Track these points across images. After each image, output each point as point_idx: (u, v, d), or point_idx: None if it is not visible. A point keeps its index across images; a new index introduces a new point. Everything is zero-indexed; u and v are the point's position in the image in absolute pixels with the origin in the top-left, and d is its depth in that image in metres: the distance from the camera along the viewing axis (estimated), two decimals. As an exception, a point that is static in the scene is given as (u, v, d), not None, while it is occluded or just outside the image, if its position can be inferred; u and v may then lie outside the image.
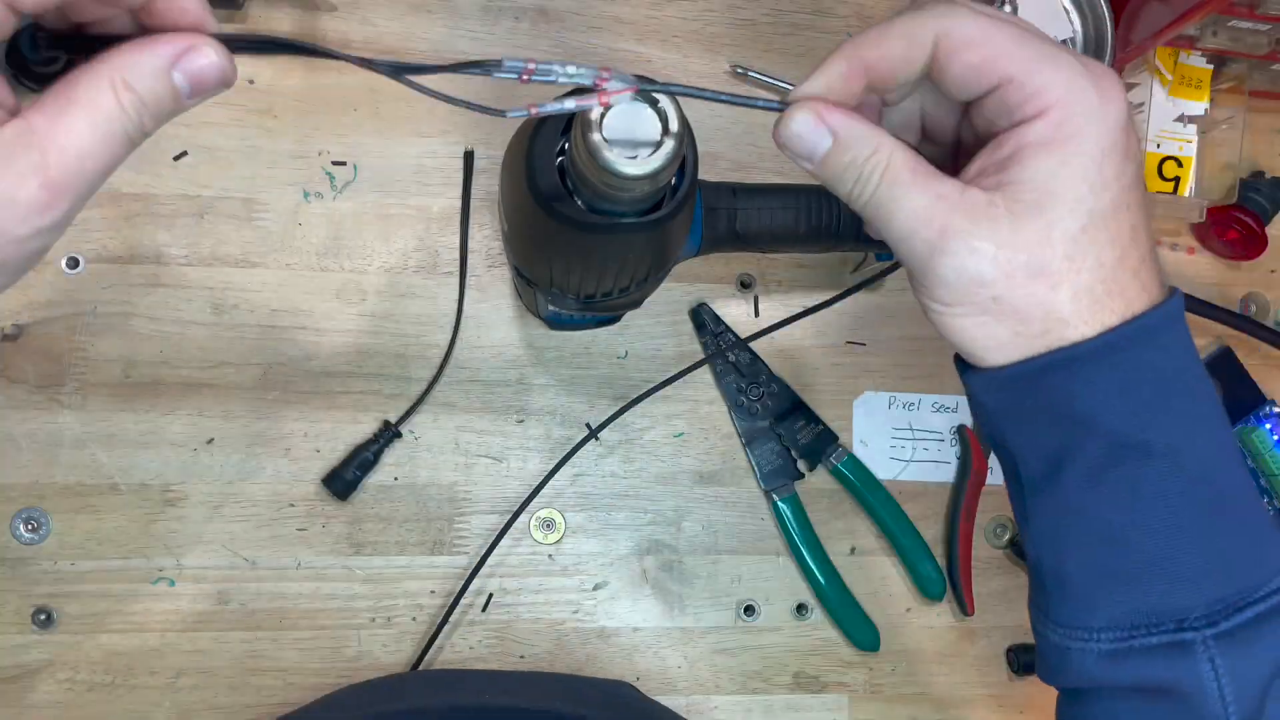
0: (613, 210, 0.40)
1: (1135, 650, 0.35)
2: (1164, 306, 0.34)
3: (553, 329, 0.63)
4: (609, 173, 0.37)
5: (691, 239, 0.55)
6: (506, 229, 0.50)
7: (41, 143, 0.28)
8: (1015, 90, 0.32)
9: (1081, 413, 0.34)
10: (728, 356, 0.64)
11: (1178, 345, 0.35)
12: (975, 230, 0.33)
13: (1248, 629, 0.34)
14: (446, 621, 0.60)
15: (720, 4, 0.66)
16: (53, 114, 0.29)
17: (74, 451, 0.59)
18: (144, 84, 0.29)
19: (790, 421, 0.64)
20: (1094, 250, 0.33)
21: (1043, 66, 0.32)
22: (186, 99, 0.30)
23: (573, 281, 0.48)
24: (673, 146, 0.37)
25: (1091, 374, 0.34)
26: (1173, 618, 0.35)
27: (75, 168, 0.29)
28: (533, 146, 0.41)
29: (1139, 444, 0.34)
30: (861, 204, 0.34)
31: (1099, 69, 0.33)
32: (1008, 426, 0.37)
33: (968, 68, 0.33)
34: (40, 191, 0.28)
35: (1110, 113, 0.32)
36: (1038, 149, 0.32)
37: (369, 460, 0.60)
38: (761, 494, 0.64)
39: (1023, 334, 0.34)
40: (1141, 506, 0.34)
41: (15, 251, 0.29)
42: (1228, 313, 0.67)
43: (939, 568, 0.65)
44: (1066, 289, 0.33)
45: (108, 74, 0.29)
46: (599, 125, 0.36)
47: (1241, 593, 0.34)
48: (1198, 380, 0.36)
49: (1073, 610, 0.37)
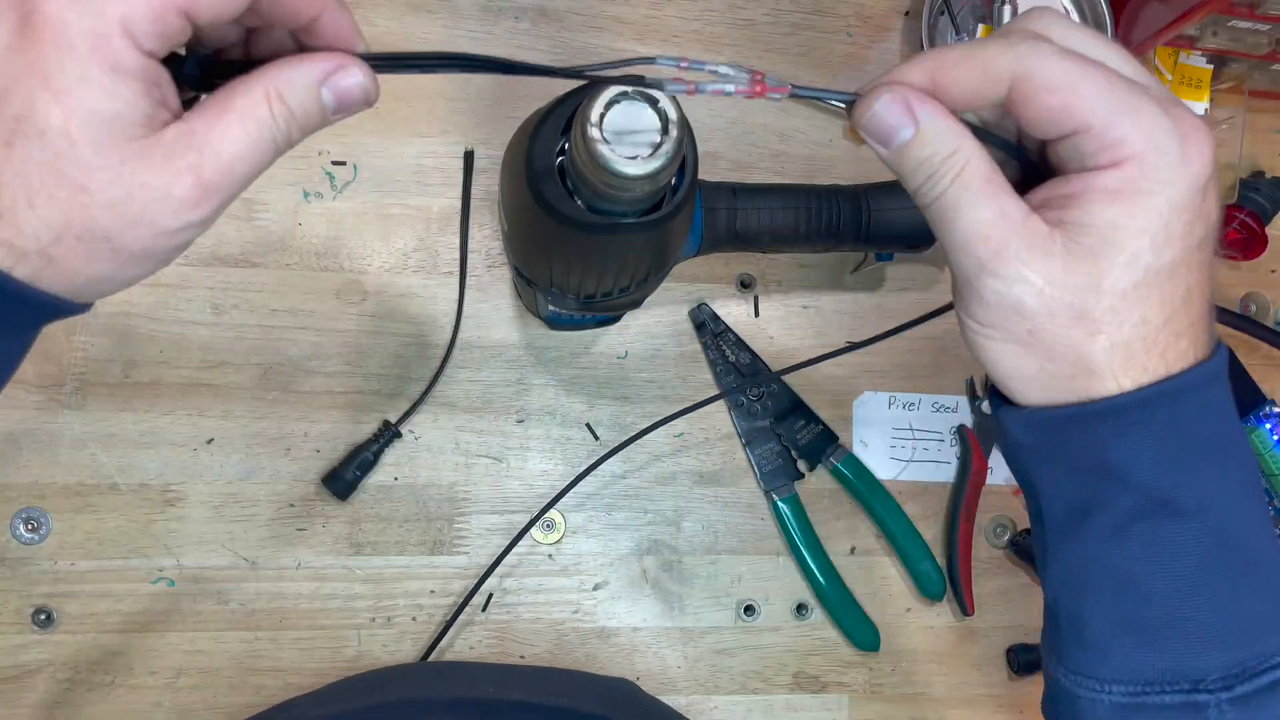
0: (613, 210, 0.40)
1: (1148, 707, 0.35)
2: (1207, 364, 0.34)
3: (553, 329, 0.63)
4: (609, 173, 0.36)
5: (691, 239, 0.55)
6: (506, 229, 0.50)
7: (199, 144, 0.30)
8: (1092, 139, 0.32)
9: (1113, 465, 0.34)
10: (727, 356, 0.64)
11: (1216, 403, 0.34)
12: (1029, 259, 0.32)
13: (1264, 695, 0.34)
14: (453, 623, 0.60)
15: (720, 4, 0.66)
16: (211, 119, 0.31)
17: (74, 451, 0.59)
18: (295, 98, 0.31)
19: (790, 421, 0.64)
20: (1141, 308, 0.32)
21: (1124, 119, 0.31)
22: (332, 114, 0.33)
23: (573, 281, 0.48)
24: (672, 147, 0.37)
25: (1127, 427, 0.33)
26: (1188, 678, 0.34)
27: (227, 169, 0.31)
28: (533, 146, 0.41)
29: (1169, 501, 0.34)
30: (928, 202, 0.34)
31: (1188, 124, 0.32)
32: (1036, 466, 0.36)
33: (1045, 110, 0.32)
34: (193, 190, 0.31)
35: (1189, 173, 0.31)
36: (1105, 196, 0.32)
37: (369, 460, 0.60)
38: (761, 494, 0.64)
39: (1050, 373, 0.33)
40: (1166, 563, 0.34)
41: (164, 243, 0.32)
42: (1228, 313, 0.67)
43: (939, 568, 0.65)
44: (1104, 340, 0.32)
45: (263, 85, 0.31)
46: (599, 125, 0.36)
47: (1260, 658, 0.34)
48: (1234, 441, 0.35)
49: (1087, 658, 0.36)
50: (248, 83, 0.31)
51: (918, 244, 0.59)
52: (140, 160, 0.30)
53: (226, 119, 0.31)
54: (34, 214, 0.29)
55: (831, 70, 0.67)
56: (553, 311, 0.57)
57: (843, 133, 0.67)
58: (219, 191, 0.31)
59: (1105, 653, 0.36)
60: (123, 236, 0.31)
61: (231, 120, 0.31)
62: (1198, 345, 0.34)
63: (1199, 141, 0.32)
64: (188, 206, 0.31)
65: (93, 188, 0.29)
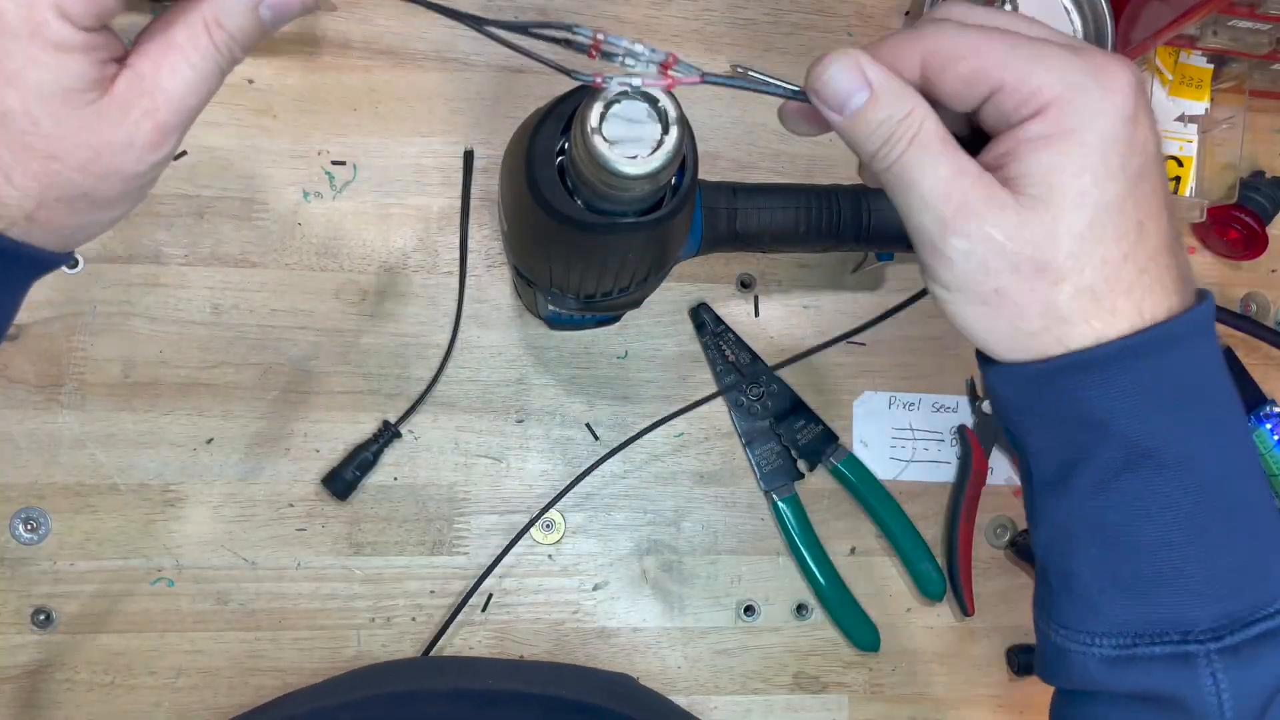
0: (613, 210, 0.40)
1: (1138, 658, 0.35)
2: (1191, 313, 0.34)
3: (553, 329, 0.62)
4: (609, 172, 0.36)
5: (691, 239, 0.55)
6: (506, 229, 0.50)
7: (150, 88, 0.32)
8: (1009, 95, 0.32)
9: (1096, 417, 0.34)
10: (727, 356, 0.64)
11: (1202, 354, 0.34)
12: (987, 214, 0.32)
13: (1253, 645, 0.34)
14: (451, 622, 0.60)
15: (720, 4, 0.66)
16: (156, 58, 0.32)
17: (73, 451, 0.59)
18: (234, 21, 0.33)
19: (790, 421, 0.64)
20: (1099, 248, 0.32)
21: (1034, 68, 0.32)
22: (270, 26, 0.34)
23: (573, 281, 0.48)
24: (672, 146, 0.37)
25: (1108, 379, 0.33)
26: (1178, 629, 0.34)
27: (180, 106, 0.33)
28: (532, 146, 0.41)
29: (1152, 452, 0.34)
30: (885, 166, 0.34)
31: (1102, 60, 0.32)
32: (1023, 423, 0.36)
33: (959, 80, 0.33)
34: (153, 133, 0.32)
35: (1114, 103, 0.32)
36: (1036, 143, 0.32)
37: (368, 460, 0.60)
38: (761, 494, 0.64)
39: (1023, 330, 0.34)
40: (1153, 515, 0.34)
41: (135, 184, 0.34)
42: (1228, 313, 0.67)
43: (939, 568, 0.64)
44: (1069, 287, 0.33)
45: (200, 14, 0.32)
46: (599, 124, 0.36)
47: (1249, 608, 0.34)
48: (1220, 390, 0.35)
49: (1076, 613, 0.36)
50: (186, 12, 0.32)
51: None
52: (99, 120, 0.32)
53: (171, 57, 0.32)
54: (13, 188, 0.32)
55: (831, 70, 0.67)
56: (553, 311, 0.57)
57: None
58: (175, 129, 0.33)
59: (1094, 606, 0.36)
60: (97, 189, 0.33)
61: (176, 57, 0.32)
62: (1164, 284, 0.34)
63: (1116, 73, 0.32)
64: (150, 149, 0.33)
65: (61, 155, 0.32)
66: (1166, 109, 0.68)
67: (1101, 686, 0.36)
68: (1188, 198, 0.68)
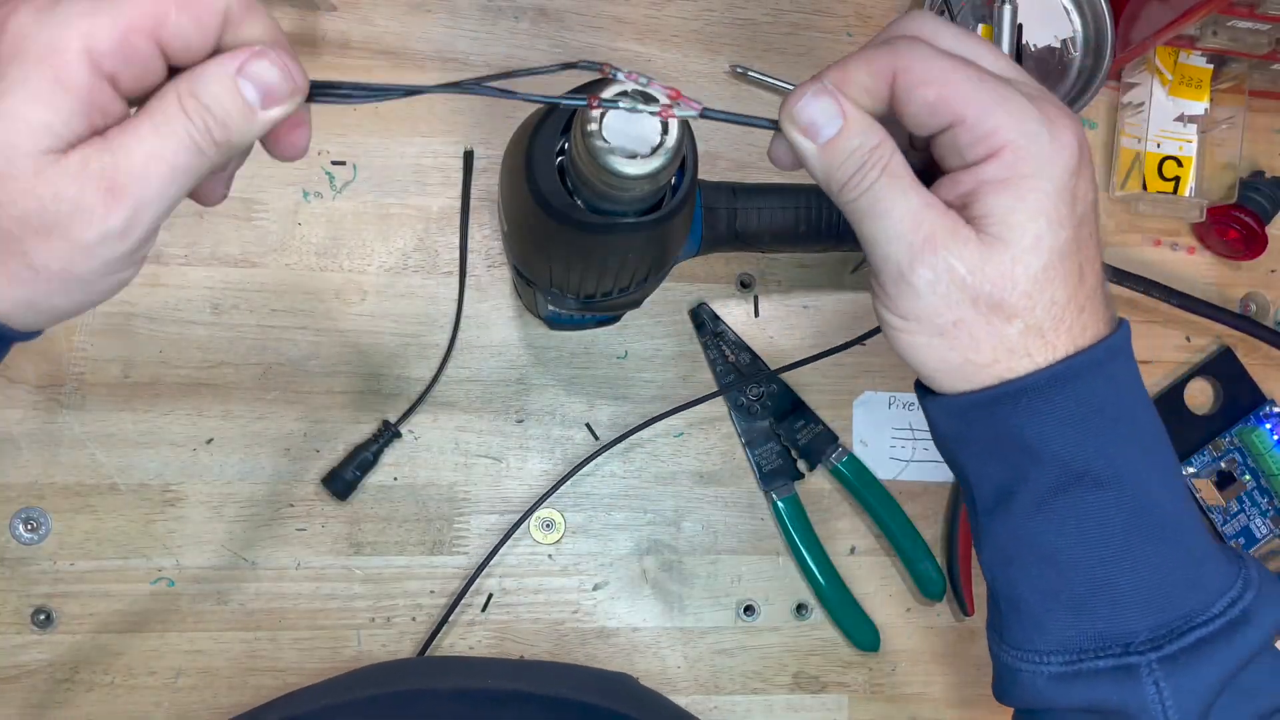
0: (613, 210, 0.40)
1: (1084, 673, 0.36)
2: (1110, 340, 0.35)
3: (552, 329, 0.62)
4: (609, 173, 0.36)
5: (691, 239, 0.55)
6: (506, 229, 0.50)
7: (112, 148, 0.30)
8: (967, 131, 0.33)
9: (1029, 443, 0.35)
10: (727, 356, 0.64)
11: (1123, 376, 0.36)
12: (953, 246, 0.34)
13: (1190, 653, 0.35)
14: (445, 622, 0.60)
15: (720, 4, 0.66)
16: (126, 125, 0.30)
17: (73, 451, 0.59)
18: (208, 92, 0.30)
19: (790, 421, 0.64)
20: (1050, 289, 0.34)
21: (995, 110, 0.33)
22: (260, 108, 0.31)
23: (573, 281, 0.48)
24: (672, 146, 0.37)
25: (1039, 406, 0.35)
26: (1119, 641, 0.36)
27: (140, 171, 0.30)
28: (533, 146, 0.41)
29: (1084, 473, 0.35)
30: (854, 195, 0.35)
31: (1055, 112, 0.34)
32: (962, 452, 0.38)
33: (923, 105, 0.34)
34: (105, 195, 0.29)
35: (1062, 158, 0.33)
36: (995, 186, 0.33)
37: (368, 460, 0.60)
38: (761, 494, 0.64)
39: (972, 362, 0.35)
40: (1087, 534, 0.36)
41: (85, 262, 0.30)
42: (1228, 313, 0.67)
43: (939, 568, 0.64)
44: (1020, 324, 0.34)
45: (174, 86, 0.30)
46: (599, 126, 0.36)
47: (1185, 617, 0.36)
48: (1143, 409, 0.37)
49: (1024, 632, 0.38)
50: (163, 88, 0.31)
51: None
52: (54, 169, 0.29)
53: (138, 122, 0.30)
54: None
55: (831, 70, 0.67)
56: (552, 311, 0.57)
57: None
58: (131, 195, 0.30)
59: (1040, 624, 0.37)
60: (39, 252, 0.30)
61: (142, 122, 0.30)
62: (1097, 319, 0.35)
63: (1065, 128, 0.34)
64: (101, 214, 0.29)
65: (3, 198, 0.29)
66: (1166, 109, 0.68)
67: (1053, 704, 0.37)
68: (1187, 198, 0.68)
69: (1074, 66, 0.68)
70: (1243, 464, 0.68)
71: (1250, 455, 0.68)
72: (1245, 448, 0.68)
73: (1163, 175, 0.68)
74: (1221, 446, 0.68)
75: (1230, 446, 0.68)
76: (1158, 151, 0.67)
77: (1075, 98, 0.67)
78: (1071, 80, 0.68)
